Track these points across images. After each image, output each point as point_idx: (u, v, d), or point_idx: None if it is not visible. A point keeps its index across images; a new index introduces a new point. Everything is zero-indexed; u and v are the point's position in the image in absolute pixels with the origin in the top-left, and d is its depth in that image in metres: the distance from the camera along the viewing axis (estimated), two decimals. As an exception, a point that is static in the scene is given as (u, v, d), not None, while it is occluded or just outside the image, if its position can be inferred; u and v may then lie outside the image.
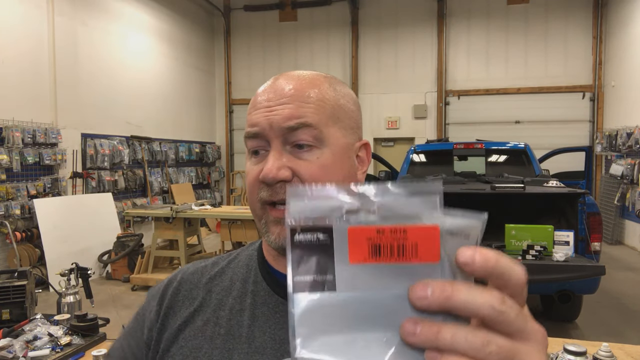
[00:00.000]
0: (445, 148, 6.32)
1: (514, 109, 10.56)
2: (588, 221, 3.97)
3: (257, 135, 0.68)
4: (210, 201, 8.35)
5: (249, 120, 0.70)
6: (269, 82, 0.72)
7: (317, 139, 0.67)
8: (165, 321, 0.74)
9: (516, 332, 0.33)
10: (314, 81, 0.70)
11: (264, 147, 0.68)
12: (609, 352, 1.52)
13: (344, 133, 0.70)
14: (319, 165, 0.67)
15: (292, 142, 0.67)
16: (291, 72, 0.72)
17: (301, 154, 0.67)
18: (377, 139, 11.24)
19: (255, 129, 0.68)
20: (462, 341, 0.32)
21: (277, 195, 0.66)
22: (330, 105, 0.69)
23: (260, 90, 0.72)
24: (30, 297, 2.17)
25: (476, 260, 0.32)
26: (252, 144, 0.69)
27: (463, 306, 0.32)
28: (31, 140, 6.33)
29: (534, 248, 3.87)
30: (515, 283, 0.34)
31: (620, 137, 8.38)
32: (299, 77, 0.70)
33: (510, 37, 10.58)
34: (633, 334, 4.39)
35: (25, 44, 6.46)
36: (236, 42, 12.14)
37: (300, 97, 0.67)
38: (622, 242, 8.81)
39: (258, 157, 0.69)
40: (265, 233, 0.69)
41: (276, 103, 0.67)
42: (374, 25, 11.22)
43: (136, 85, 8.94)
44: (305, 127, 0.66)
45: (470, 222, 0.35)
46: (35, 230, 6.22)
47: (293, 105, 0.67)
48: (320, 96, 0.69)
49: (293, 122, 0.66)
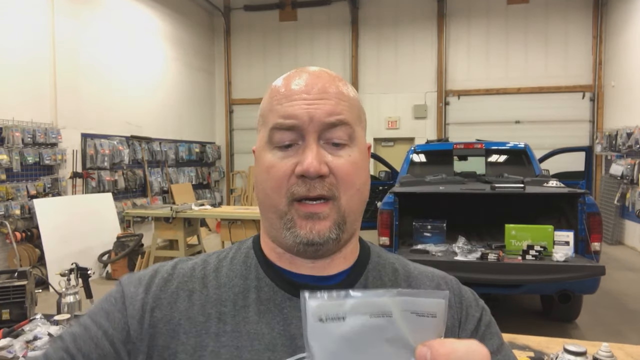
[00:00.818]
0: (445, 148, 6.31)
1: (514, 109, 10.56)
2: (588, 221, 3.97)
3: (292, 127, 0.66)
4: (210, 201, 8.35)
5: (281, 111, 0.67)
6: (294, 75, 0.71)
7: (350, 138, 0.68)
8: (155, 313, 0.67)
9: None
10: (340, 80, 0.71)
11: (295, 141, 0.67)
12: (609, 352, 1.52)
13: (363, 133, 0.73)
14: (351, 163, 0.67)
15: (327, 138, 0.66)
16: (310, 68, 0.72)
17: (336, 151, 0.67)
18: (377, 139, 11.24)
19: (292, 121, 0.66)
20: None
21: (315, 191, 0.65)
22: (357, 106, 0.71)
23: (286, 82, 0.70)
24: (30, 297, 2.17)
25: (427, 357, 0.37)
26: (283, 136, 0.67)
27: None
28: (31, 140, 6.33)
29: (534, 248, 3.87)
30: None
31: (620, 137, 8.38)
32: (326, 75, 0.71)
33: (510, 37, 10.58)
34: (633, 334, 4.39)
35: (25, 44, 6.46)
36: (236, 42, 12.13)
37: (336, 95, 0.68)
38: (622, 242, 8.80)
39: (288, 150, 0.67)
40: (289, 229, 0.66)
41: (315, 97, 0.66)
42: (373, 25, 11.22)
43: (136, 85, 8.94)
44: (344, 124, 0.67)
45: (434, 301, 0.38)
46: (35, 230, 6.22)
47: (333, 101, 0.67)
48: (350, 96, 0.70)
49: (334, 118, 0.66)
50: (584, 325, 4.59)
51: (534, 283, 3.94)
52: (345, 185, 0.66)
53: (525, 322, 4.56)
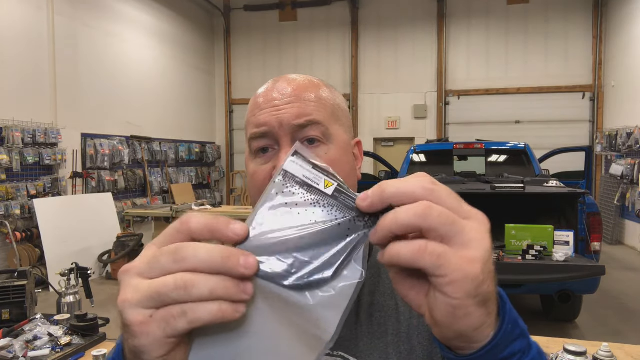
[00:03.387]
0: (445, 148, 6.32)
1: (514, 109, 10.56)
2: (588, 221, 3.97)
3: (265, 134, 0.69)
4: (210, 201, 8.36)
5: (254, 121, 0.71)
6: (268, 84, 0.75)
7: (324, 136, 0.70)
8: None
9: (454, 209, 0.37)
10: (313, 84, 0.74)
11: (272, 146, 0.70)
12: (609, 352, 1.52)
13: (344, 130, 0.75)
14: (328, 160, 0.69)
15: (301, 139, 0.69)
16: (288, 76, 0.76)
17: (312, 150, 0.69)
18: (377, 139, 11.24)
19: (264, 129, 0.69)
20: (404, 213, 0.36)
21: None
22: (330, 105, 0.73)
23: (260, 92, 0.74)
24: (30, 297, 2.17)
25: (369, 195, 0.38)
26: (260, 143, 0.71)
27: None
28: (31, 140, 6.33)
29: (534, 248, 3.87)
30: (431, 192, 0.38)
31: (620, 137, 8.38)
32: (299, 80, 0.74)
33: (510, 37, 10.58)
34: (633, 334, 4.39)
35: (25, 44, 6.46)
36: (236, 42, 12.13)
37: (304, 97, 0.71)
38: (622, 242, 8.80)
39: (265, 156, 0.71)
40: None
41: (282, 103, 0.70)
42: (374, 25, 11.21)
43: (136, 85, 8.94)
44: (314, 124, 0.69)
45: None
46: (35, 230, 6.22)
47: (300, 104, 0.70)
48: (321, 97, 0.73)
49: (302, 119, 0.69)
50: (584, 325, 4.60)
51: (534, 283, 3.95)
52: None
53: (525, 322, 4.54)
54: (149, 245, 0.39)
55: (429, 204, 0.36)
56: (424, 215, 0.36)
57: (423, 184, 0.37)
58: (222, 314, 0.35)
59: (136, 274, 0.37)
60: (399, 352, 0.67)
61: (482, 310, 0.37)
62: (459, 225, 0.36)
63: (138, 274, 0.37)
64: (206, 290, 0.34)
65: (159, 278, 0.36)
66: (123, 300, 0.37)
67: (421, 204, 0.36)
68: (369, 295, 0.72)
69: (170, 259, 0.36)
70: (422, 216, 0.35)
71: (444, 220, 0.36)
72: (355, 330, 0.69)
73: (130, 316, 0.36)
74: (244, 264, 0.35)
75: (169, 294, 0.35)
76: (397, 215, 0.36)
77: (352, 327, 0.69)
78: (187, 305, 0.35)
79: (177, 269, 0.35)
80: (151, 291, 0.35)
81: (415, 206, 0.36)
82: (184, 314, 0.35)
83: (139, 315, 0.36)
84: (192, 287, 0.34)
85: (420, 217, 0.35)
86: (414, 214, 0.36)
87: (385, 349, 0.67)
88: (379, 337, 0.68)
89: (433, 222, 0.35)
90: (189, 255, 0.35)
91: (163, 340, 0.36)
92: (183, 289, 0.34)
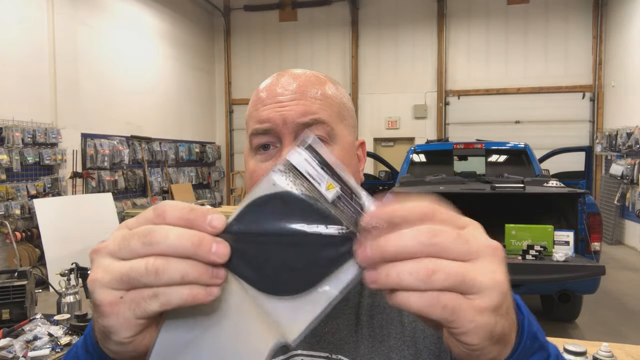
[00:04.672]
0: (445, 148, 6.32)
1: (514, 109, 10.56)
2: (588, 221, 3.97)
3: (268, 131, 0.66)
4: (210, 201, 8.36)
5: (257, 117, 0.68)
6: (272, 79, 0.71)
7: (329, 135, 0.67)
8: None
9: (460, 256, 0.34)
10: (319, 79, 0.71)
11: (274, 144, 0.67)
12: (609, 352, 1.52)
13: (349, 131, 0.72)
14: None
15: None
16: (293, 70, 0.72)
17: None
18: (377, 139, 11.24)
19: (267, 125, 0.66)
20: (407, 276, 0.33)
21: None
22: (337, 104, 0.70)
23: (263, 86, 0.71)
24: (30, 297, 2.17)
25: (377, 214, 0.35)
26: (261, 140, 0.68)
27: (398, 254, 0.34)
28: (31, 140, 6.33)
29: (534, 248, 3.87)
30: (432, 214, 0.35)
31: (620, 137, 8.38)
32: (304, 75, 0.71)
33: (510, 37, 10.57)
34: (633, 334, 4.39)
35: (25, 44, 6.46)
36: (236, 42, 12.13)
37: (310, 94, 0.68)
38: (622, 242, 8.80)
39: (266, 153, 0.68)
40: None
41: (287, 99, 0.67)
42: (374, 25, 11.21)
43: (136, 85, 8.94)
44: (319, 123, 0.66)
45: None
46: (35, 230, 6.22)
47: (305, 101, 0.67)
48: (328, 94, 0.69)
49: (308, 118, 0.66)
50: (584, 325, 4.59)
51: (534, 283, 3.94)
52: None
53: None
54: (121, 226, 0.38)
55: (433, 269, 0.33)
56: (428, 282, 0.33)
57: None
58: (193, 298, 0.34)
59: (107, 254, 0.37)
60: (403, 357, 0.64)
61: (499, 345, 0.37)
62: (470, 275, 0.34)
63: (109, 254, 0.37)
64: (177, 275, 0.34)
65: (130, 261, 0.35)
66: (93, 279, 0.37)
67: (425, 267, 0.33)
68: (370, 296, 0.69)
69: (140, 242, 0.35)
70: (426, 281, 0.33)
71: (451, 282, 0.33)
72: (356, 333, 0.66)
73: (100, 296, 0.36)
74: (216, 252, 0.35)
75: (139, 279, 0.35)
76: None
77: (352, 330, 0.66)
78: (159, 289, 0.34)
79: (147, 252, 0.35)
80: (121, 273, 0.35)
81: (418, 270, 0.33)
82: (155, 296, 0.34)
83: (109, 296, 0.36)
84: (163, 273, 0.34)
85: (424, 282, 0.33)
86: (415, 279, 0.33)
87: (387, 353, 0.64)
88: (381, 340, 0.65)
89: (441, 283, 0.33)
90: (159, 239, 0.35)
91: (133, 321, 0.36)
92: (154, 274, 0.34)
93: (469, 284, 0.33)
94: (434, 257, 0.34)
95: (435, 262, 0.33)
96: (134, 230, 0.36)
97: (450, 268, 0.33)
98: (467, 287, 0.33)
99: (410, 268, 0.33)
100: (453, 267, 0.33)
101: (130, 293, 0.35)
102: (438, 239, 0.34)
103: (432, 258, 0.33)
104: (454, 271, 0.33)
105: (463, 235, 0.35)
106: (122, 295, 0.35)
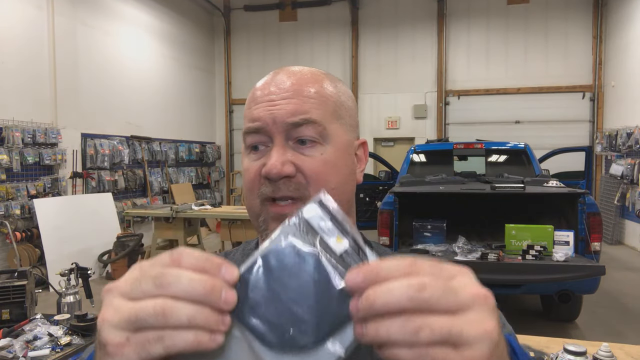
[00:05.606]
0: (445, 148, 6.32)
1: (514, 109, 10.56)
2: (588, 221, 3.97)
3: (258, 130, 0.66)
4: (210, 201, 8.36)
5: (249, 115, 0.67)
6: (268, 76, 0.70)
7: (321, 135, 0.65)
8: None
9: (449, 308, 0.34)
10: (315, 77, 0.69)
11: (265, 143, 0.66)
12: (609, 352, 1.52)
13: (345, 130, 0.70)
14: (323, 161, 0.65)
15: (295, 138, 0.65)
16: (291, 67, 0.71)
17: (304, 150, 0.65)
18: (377, 139, 11.24)
19: (257, 124, 0.65)
20: (395, 331, 0.33)
21: (280, 192, 0.64)
22: (333, 102, 0.68)
23: (259, 84, 0.70)
24: (30, 297, 2.17)
25: (358, 278, 0.35)
26: (253, 139, 0.67)
27: (386, 308, 0.34)
28: (31, 140, 6.33)
29: (534, 248, 3.87)
30: (419, 268, 0.35)
31: (620, 137, 8.38)
32: (300, 73, 0.69)
33: (510, 37, 10.58)
34: (633, 334, 4.39)
35: (25, 44, 6.46)
36: (236, 42, 12.13)
37: (303, 92, 0.66)
38: (622, 242, 8.80)
39: (258, 152, 0.67)
40: (263, 230, 0.67)
41: (279, 97, 0.65)
42: (374, 25, 11.21)
43: (136, 85, 8.94)
44: (310, 123, 0.64)
45: None
46: (35, 230, 6.22)
47: (297, 100, 0.65)
48: (323, 92, 0.68)
49: (298, 117, 0.64)
50: (584, 325, 4.59)
51: (534, 283, 3.95)
52: (317, 185, 0.64)
53: (525, 322, 4.56)
54: (135, 267, 0.39)
55: (420, 325, 0.34)
56: (415, 339, 0.34)
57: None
58: (198, 343, 0.34)
59: (119, 294, 0.37)
60: None
61: None
62: (457, 329, 0.34)
63: (121, 294, 0.37)
64: (184, 318, 0.34)
65: (140, 302, 0.35)
66: (103, 319, 0.37)
67: (412, 324, 0.34)
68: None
69: (152, 283, 0.36)
70: (413, 339, 0.34)
71: (437, 338, 0.33)
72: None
73: (108, 336, 0.36)
74: (225, 299, 0.35)
75: (147, 319, 0.35)
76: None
77: None
78: (164, 332, 0.35)
79: (158, 294, 0.35)
80: (130, 314, 0.35)
81: (405, 327, 0.34)
82: (161, 339, 0.35)
83: (117, 337, 0.36)
84: (171, 315, 0.34)
85: (411, 340, 0.34)
86: (403, 337, 0.34)
87: None
88: None
89: (428, 338, 0.34)
90: (171, 281, 0.35)
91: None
92: (161, 315, 0.34)
93: (455, 337, 0.33)
94: (423, 310, 0.34)
95: (423, 318, 0.34)
96: (148, 271, 0.37)
97: (437, 323, 0.33)
98: (454, 340, 0.33)
99: (398, 324, 0.33)
100: (439, 322, 0.34)
101: (137, 335, 0.35)
102: (426, 293, 0.34)
103: (420, 314, 0.34)
104: (439, 326, 0.33)
105: (451, 287, 0.35)
106: (129, 337, 0.36)
